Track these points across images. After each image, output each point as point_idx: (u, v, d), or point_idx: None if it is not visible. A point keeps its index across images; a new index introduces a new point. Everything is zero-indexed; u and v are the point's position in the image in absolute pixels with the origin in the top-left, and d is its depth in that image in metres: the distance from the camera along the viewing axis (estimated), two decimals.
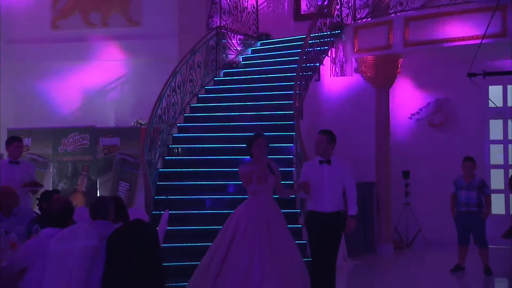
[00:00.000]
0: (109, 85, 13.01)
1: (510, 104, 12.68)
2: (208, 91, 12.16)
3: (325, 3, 12.11)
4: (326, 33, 11.90)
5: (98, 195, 10.93)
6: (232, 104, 11.55)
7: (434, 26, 11.27)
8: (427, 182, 12.71)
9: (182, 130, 11.25)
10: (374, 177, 12.38)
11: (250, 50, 13.40)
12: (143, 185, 9.76)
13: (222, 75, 12.59)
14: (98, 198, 6.99)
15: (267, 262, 6.70)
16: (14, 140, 9.44)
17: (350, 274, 10.27)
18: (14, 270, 5.84)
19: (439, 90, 12.91)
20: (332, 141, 7.40)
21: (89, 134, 11.58)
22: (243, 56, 13.17)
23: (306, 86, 11.00)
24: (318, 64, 11.56)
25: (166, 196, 9.86)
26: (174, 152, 10.76)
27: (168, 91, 10.92)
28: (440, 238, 12.17)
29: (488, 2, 10.50)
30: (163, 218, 7.47)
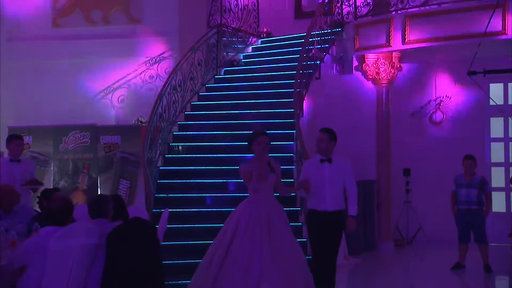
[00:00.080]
0: (110, 83, 12.99)
1: (510, 102, 12.68)
2: (208, 89, 12.16)
3: (325, 1, 12.10)
4: (326, 31, 11.89)
5: (98, 193, 10.93)
6: (232, 102, 11.55)
7: (435, 24, 11.27)
8: (428, 180, 12.70)
9: (182, 128, 11.24)
10: (374, 175, 12.40)
11: (250, 48, 13.39)
12: (144, 183, 9.76)
13: (222, 73, 12.56)
14: (97, 197, 6.98)
15: (267, 261, 6.68)
16: (15, 138, 9.44)
17: (351, 272, 10.28)
18: (13, 268, 5.84)
19: (440, 88, 12.91)
20: (333, 139, 7.36)
21: (89, 132, 11.61)
22: (244, 54, 13.16)
23: (306, 84, 10.98)
24: (318, 62, 11.54)
25: (167, 194, 9.86)
26: (174, 150, 10.76)
27: (168, 89, 10.92)
28: (440, 236, 12.15)
29: (488, 0, 10.49)
30: (163, 216, 7.47)
